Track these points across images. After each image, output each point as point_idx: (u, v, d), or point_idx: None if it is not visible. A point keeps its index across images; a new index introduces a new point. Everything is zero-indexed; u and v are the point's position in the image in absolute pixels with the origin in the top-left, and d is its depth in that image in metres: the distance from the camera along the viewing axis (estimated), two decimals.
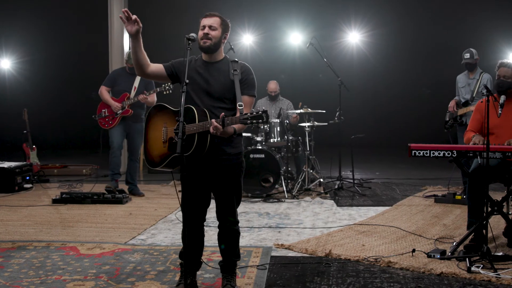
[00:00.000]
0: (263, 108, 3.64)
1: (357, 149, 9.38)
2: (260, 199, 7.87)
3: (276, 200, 7.85)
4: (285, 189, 8.03)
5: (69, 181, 9.64)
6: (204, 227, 4.22)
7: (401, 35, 15.09)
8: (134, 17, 3.75)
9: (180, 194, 4.01)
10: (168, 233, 6.00)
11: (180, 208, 4.33)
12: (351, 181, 8.90)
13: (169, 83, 7.65)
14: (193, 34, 3.88)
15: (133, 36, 3.83)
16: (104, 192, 7.70)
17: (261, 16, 14.91)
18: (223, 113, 3.70)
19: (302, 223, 6.45)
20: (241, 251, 4.36)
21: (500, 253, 4.83)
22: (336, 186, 8.63)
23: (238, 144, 4.07)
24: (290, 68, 15.34)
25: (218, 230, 4.20)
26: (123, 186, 8.18)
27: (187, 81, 3.67)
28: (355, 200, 7.88)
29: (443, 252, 5.00)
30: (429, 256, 4.97)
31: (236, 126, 3.72)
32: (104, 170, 10.68)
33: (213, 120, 3.64)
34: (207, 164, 3.94)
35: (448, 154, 4.94)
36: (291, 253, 5.18)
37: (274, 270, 4.66)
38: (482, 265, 4.59)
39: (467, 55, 7.81)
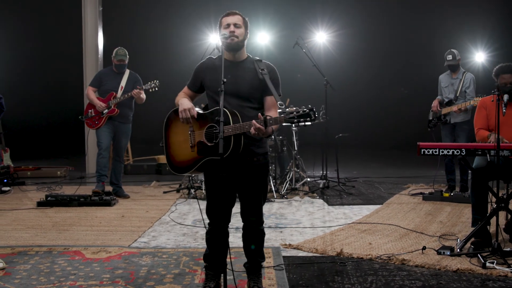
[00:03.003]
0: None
1: (328, 149, 9.44)
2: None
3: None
4: (273, 188, 8.01)
5: (46, 183, 9.38)
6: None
7: (370, 34, 15.30)
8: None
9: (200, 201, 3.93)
10: (169, 235, 5.90)
11: (203, 211, 4.19)
12: (333, 180, 8.95)
13: (155, 81, 7.59)
14: (225, 32, 3.80)
15: None
16: (91, 195, 7.50)
17: None
18: (265, 114, 3.63)
19: (301, 223, 6.45)
20: None
21: (508, 249, 4.93)
22: (322, 185, 8.67)
23: (265, 144, 4.02)
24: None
25: (242, 231, 4.14)
26: (107, 187, 8.02)
27: (225, 80, 3.59)
28: (344, 199, 7.94)
29: (451, 249, 5.07)
30: (439, 253, 5.03)
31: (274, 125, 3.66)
32: (79, 172, 10.47)
33: (254, 121, 3.56)
34: (236, 165, 3.85)
35: (457, 152, 5.00)
36: (301, 253, 5.16)
37: (291, 271, 4.63)
38: (495, 261, 4.67)
39: (449, 57, 7.94)
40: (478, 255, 4.80)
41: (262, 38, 13.99)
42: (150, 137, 13.46)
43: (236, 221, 4.49)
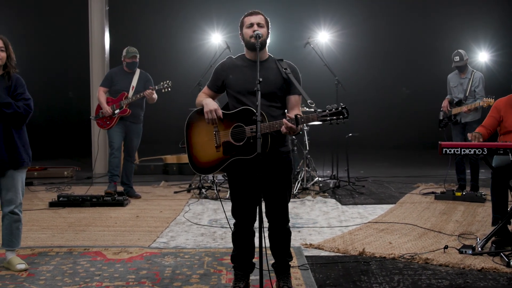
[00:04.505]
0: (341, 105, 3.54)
1: (327, 148, 9.44)
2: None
3: None
4: None
5: (54, 183, 9.34)
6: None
7: (372, 34, 15.29)
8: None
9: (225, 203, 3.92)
10: (187, 235, 5.88)
11: (230, 209, 4.17)
12: (343, 179, 8.96)
13: (167, 81, 7.58)
14: (259, 32, 3.78)
15: None
16: (103, 195, 7.48)
17: (229, 16, 14.82)
18: (288, 114, 3.64)
19: (318, 223, 6.45)
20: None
21: None
22: (332, 185, 8.67)
23: (288, 142, 4.03)
24: None
25: (268, 231, 4.12)
26: (118, 187, 7.99)
27: (260, 79, 3.59)
28: (356, 198, 7.94)
29: (473, 248, 5.08)
30: (460, 252, 5.04)
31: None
32: (86, 173, 10.44)
33: (285, 121, 3.56)
34: (262, 164, 3.82)
35: (479, 151, 5.00)
36: (323, 253, 5.17)
37: (316, 270, 4.62)
38: None
39: (456, 58, 7.93)
40: (501, 254, 4.81)
41: None
42: (155, 137, 13.46)
43: None
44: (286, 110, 3.96)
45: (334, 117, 3.51)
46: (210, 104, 3.87)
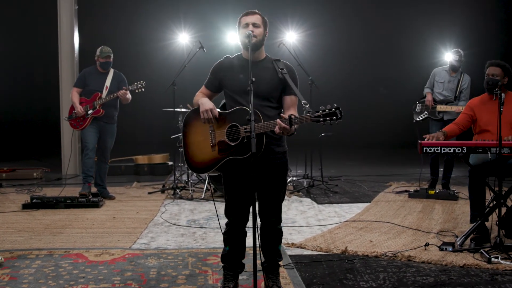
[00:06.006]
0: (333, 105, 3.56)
1: (299, 148, 9.49)
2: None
3: None
4: None
5: (24, 185, 9.14)
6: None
7: (339, 34, 15.41)
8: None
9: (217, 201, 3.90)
10: (167, 236, 5.83)
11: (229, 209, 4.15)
12: (317, 179, 9.00)
13: (141, 81, 7.51)
14: (250, 31, 3.77)
15: None
16: (78, 196, 7.36)
17: (198, 15, 14.79)
18: (284, 114, 3.65)
19: (296, 222, 6.47)
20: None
21: (510, 244, 5.05)
22: (306, 184, 8.70)
23: (284, 143, 4.03)
24: None
25: (260, 230, 4.12)
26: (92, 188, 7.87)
27: (253, 79, 3.58)
28: (331, 197, 7.99)
29: (453, 245, 5.17)
30: (441, 249, 5.13)
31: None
32: (56, 174, 10.27)
33: (279, 121, 3.57)
34: (257, 164, 3.82)
35: (459, 150, 5.11)
36: (305, 252, 5.19)
37: (302, 269, 4.64)
38: (499, 256, 4.79)
39: (456, 57, 8.02)
40: (481, 250, 4.91)
41: (232, 38, 13.93)
42: (126, 137, 13.30)
43: None
44: (282, 110, 3.97)
45: (328, 118, 3.53)
46: (206, 103, 3.86)
